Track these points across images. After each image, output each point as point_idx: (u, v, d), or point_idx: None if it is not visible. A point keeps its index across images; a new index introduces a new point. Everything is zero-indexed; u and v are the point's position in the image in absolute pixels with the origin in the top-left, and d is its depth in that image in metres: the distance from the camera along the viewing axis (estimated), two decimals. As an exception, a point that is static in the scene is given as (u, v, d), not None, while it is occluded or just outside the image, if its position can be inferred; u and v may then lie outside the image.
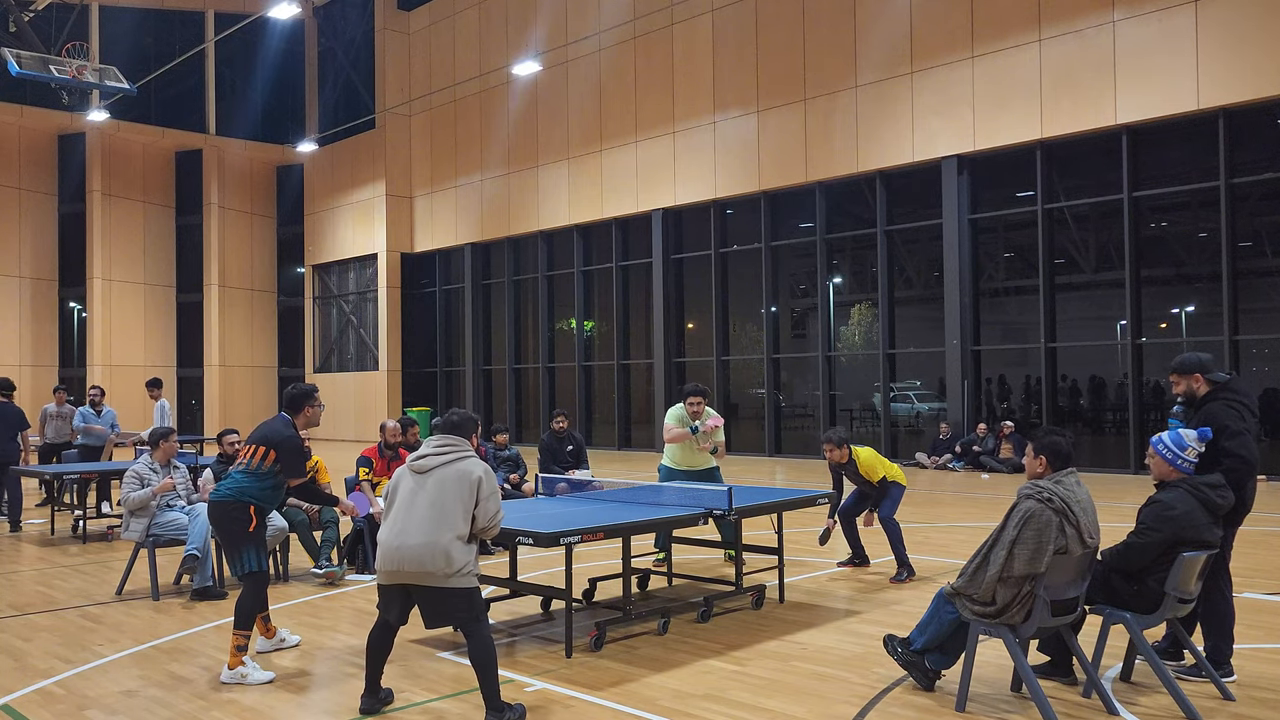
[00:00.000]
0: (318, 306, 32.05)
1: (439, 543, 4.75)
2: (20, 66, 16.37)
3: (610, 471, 17.84)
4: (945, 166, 18.32)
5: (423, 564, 4.76)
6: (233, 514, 5.74)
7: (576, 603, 6.65)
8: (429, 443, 5.07)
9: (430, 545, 4.76)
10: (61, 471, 11.01)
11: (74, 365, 29.50)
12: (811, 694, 5.16)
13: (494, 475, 5.07)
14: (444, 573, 4.75)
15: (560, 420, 11.10)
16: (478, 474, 4.91)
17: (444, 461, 4.93)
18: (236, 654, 5.53)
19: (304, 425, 5.95)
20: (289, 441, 5.81)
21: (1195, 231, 16.90)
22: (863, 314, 20.61)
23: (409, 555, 4.77)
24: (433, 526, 4.79)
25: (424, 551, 4.76)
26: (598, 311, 25.45)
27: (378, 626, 5.02)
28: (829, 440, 8.31)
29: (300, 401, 5.95)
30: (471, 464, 4.95)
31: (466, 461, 4.95)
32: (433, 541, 4.76)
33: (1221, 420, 5.20)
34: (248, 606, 5.61)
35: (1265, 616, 6.67)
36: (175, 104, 30.37)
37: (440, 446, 5.00)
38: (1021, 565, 4.69)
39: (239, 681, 5.48)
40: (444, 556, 4.75)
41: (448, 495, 4.84)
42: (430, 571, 4.76)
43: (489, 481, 4.94)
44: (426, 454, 5.01)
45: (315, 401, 5.98)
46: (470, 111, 27.86)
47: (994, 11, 17.69)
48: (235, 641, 5.53)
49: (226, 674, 5.53)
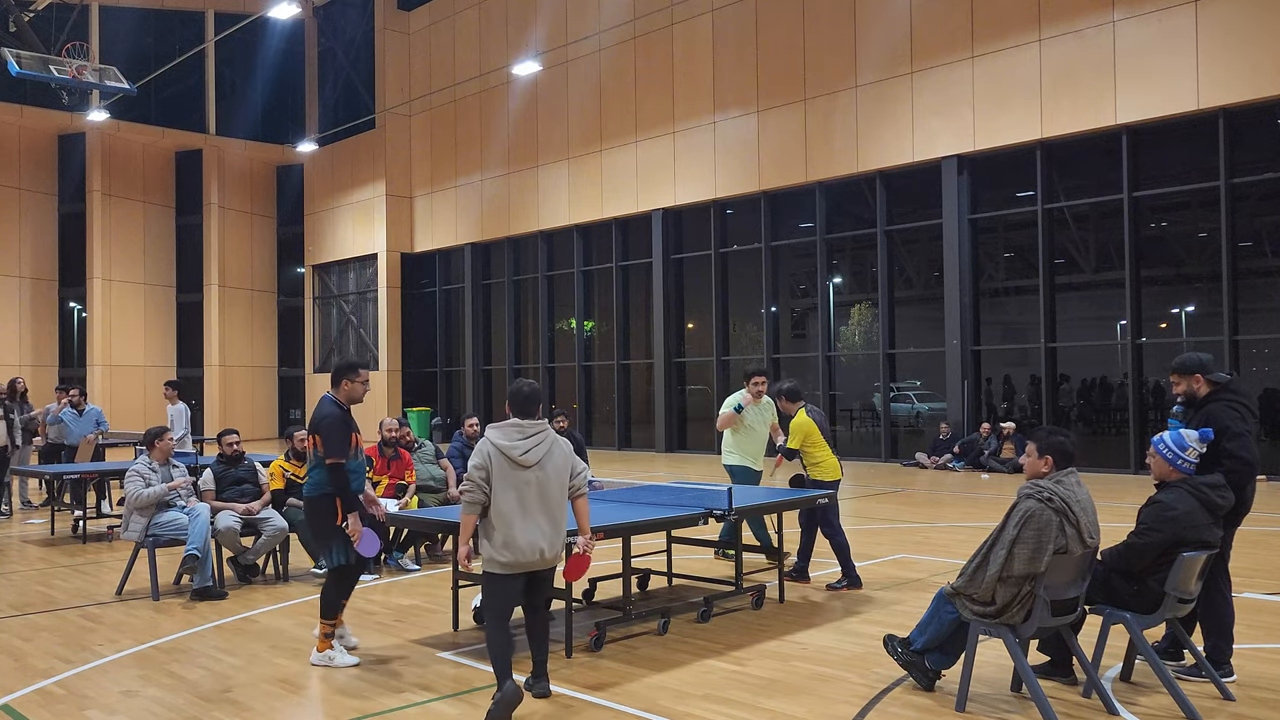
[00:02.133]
0: (318, 306, 32.05)
1: (560, 527, 5.14)
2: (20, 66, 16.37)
3: (610, 471, 17.85)
4: (945, 166, 18.32)
5: (556, 548, 5.13)
6: (318, 508, 5.82)
7: (576, 603, 6.65)
8: (515, 430, 5.08)
9: (557, 531, 5.12)
10: (62, 471, 11.02)
11: (74, 365, 29.50)
12: (811, 694, 5.16)
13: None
14: (561, 551, 5.18)
15: (560, 420, 11.09)
16: (564, 448, 5.20)
17: (545, 450, 5.12)
18: (324, 640, 5.77)
19: (345, 400, 5.92)
20: (327, 419, 5.80)
21: (1195, 231, 16.90)
22: (863, 314, 20.61)
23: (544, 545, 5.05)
24: (559, 513, 5.13)
25: (555, 537, 5.11)
26: (598, 311, 25.45)
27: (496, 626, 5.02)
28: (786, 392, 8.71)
29: (341, 375, 5.96)
30: (558, 441, 5.21)
31: (556, 441, 5.20)
32: (558, 526, 5.12)
33: (1223, 421, 5.20)
34: (332, 598, 5.78)
35: (1265, 616, 6.67)
36: (175, 104, 30.36)
37: (531, 435, 5.11)
38: (1021, 565, 4.69)
39: (326, 664, 5.73)
40: (563, 538, 5.16)
41: (555, 482, 5.12)
42: (557, 553, 5.16)
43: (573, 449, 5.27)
44: (527, 447, 5.07)
45: (356, 375, 5.96)
46: (470, 111, 27.86)
47: (994, 11, 17.69)
48: (323, 630, 5.76)
49: (315, 656, 5.79)
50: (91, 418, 13.16)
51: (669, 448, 23.00)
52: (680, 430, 23.38)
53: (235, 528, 7.99)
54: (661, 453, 22.83)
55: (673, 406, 23.17)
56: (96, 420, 13.20)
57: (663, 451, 22.89)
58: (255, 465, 8.70)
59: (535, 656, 5.22)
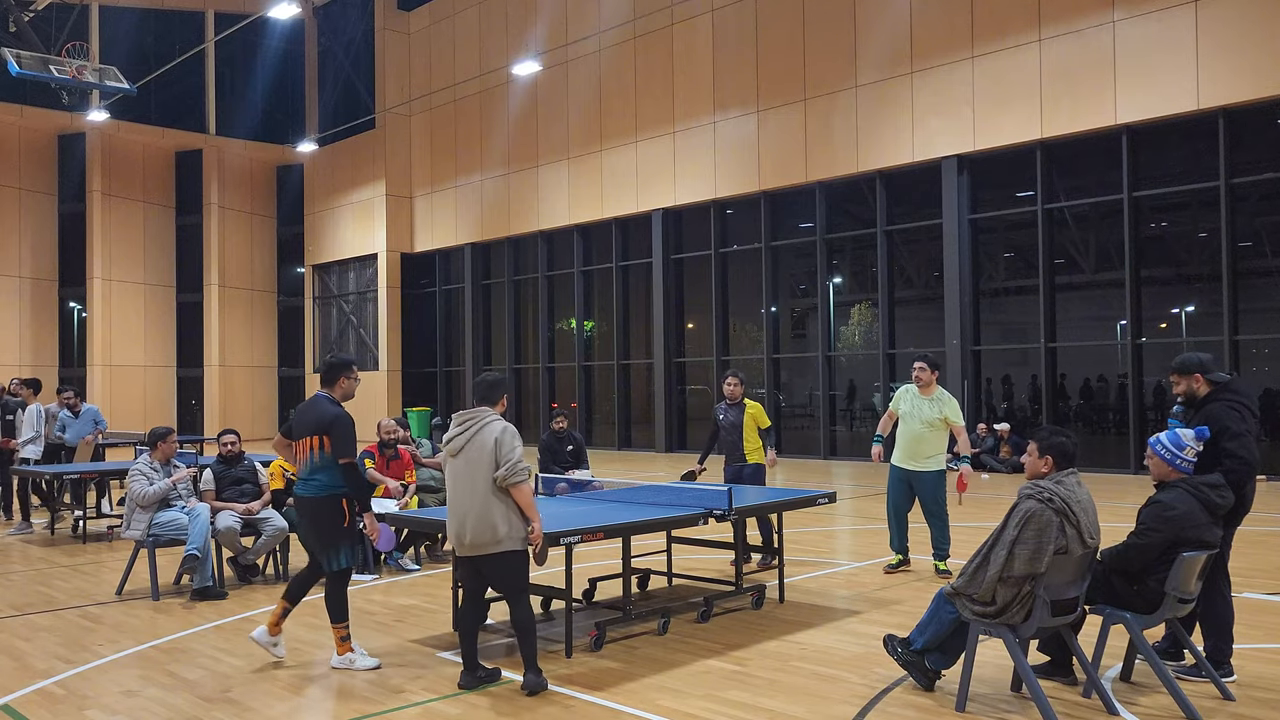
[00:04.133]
0: (318, 306, 32.05)
1: (485, 516, 5.19)
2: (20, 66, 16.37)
3: (610, 471, 17.85)
4: (945, 166, 18.32)
5: (478, 536, 5.21)
6: (325, 509, 5.70)
7: (576, 603, 6.65)
8: (455, 421, 5.37)
9: (479, 519, 5.20)
10: (61, 471, 11.01)
11: (74, 365, 29.50)
12: (811, 694, 5.16)
13: (514, 433, 5.29)
14: (493, 540, 5.20)
15: (560, 420, 11.09)
16: (494, 436, 5.22)
17: (468, 439, 5.28)
18: (343, 643, 5.75)
19: (341, 397, 5.89)
20: (340, 420, 5.72)
21: (1195, 231, 16.89)
22: (863, 314, 20.61)
23: (466, 532, 5.23)
24: (479, 502, 5.20)
25: (476, 525, 5.20)
26: (598, 311, 25.45)
27: (462, 603, 5.45)
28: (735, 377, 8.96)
29: (336, 372, 5.89)
30: (489, 430, 5.25)
31: (485, 430, 5.25)
32: (480, 515, 5.20)
33: (1223, 421, 5.20)
34: (341, 600, 5.74)
35: (1265, 616, 6.66)
36: (175, 104, 30.36)
37: (462, 424, 5.34)
38: (1022, 565, 4.69)
39: (347, 666, 5.71)
40: (490, 528, 5.19)
41: (479, 470, 5.21)
42: (483, 543, 5.22)
43: (507, 438, 5.22)
44: (454, 435, 5.35)
45: (352, 374, 5.94)
46: (470, 111, 27.86)
47: (994, 11, 17.69)
48: (338, 634, 5.75)
49: (336, 659, 5.78)
50: (89, 418, 13.09)
51: (669, 448, 23.00)
52: (680, 430, 23.37)
53: (235, 528, 7.99)
54: (661, 453, 22.82)
55: (673, 406, 23.17)
56: (94, 420, 13.14)
57: (663, 451, 22.89)
58: (255, 465, 8.70)
59: (520, 650, 5.32)
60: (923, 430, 8.07)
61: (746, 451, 8.80)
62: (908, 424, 8.15)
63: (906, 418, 8.17)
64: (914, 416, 8.12)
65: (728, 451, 8.89)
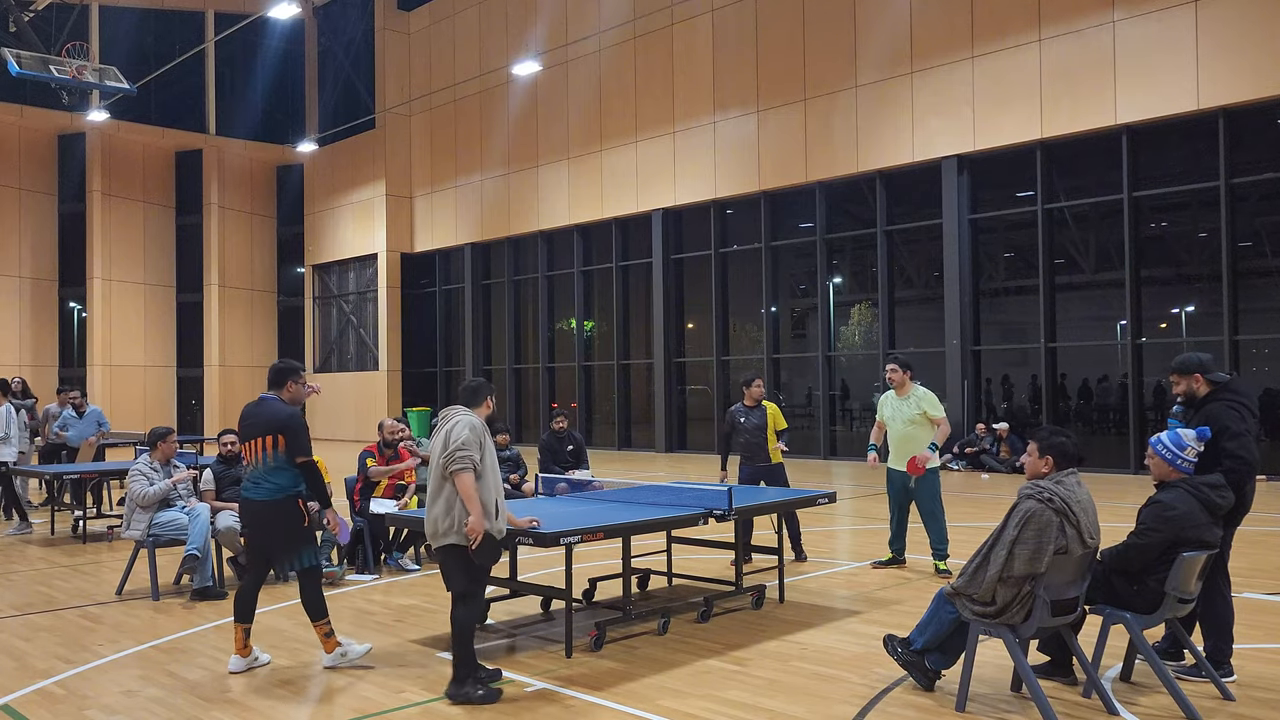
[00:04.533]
0: (318, 306, 32.05)
1: (434, 505, 5.23)
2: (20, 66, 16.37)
3: (610, 471, 17.85)
4: (945, 166, 18.32)
5: (428, 524, 5.26)
6: (284, 511, 5.60)
7: (576, 603, 6.65)
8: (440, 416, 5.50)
9: (429, 508, 5.26)
10: (62, 471, 11.01)
11: (74, 365, 29.50)
12: (811, 694, 5.16)
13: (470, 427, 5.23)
14: (433, 531, 5.23)
15: (559, 420, 11.09)
16: (447, 429, 5.23)
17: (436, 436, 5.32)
18: (328, 640, 5.71)
19: (290, 401, 5.81)
20: (294, 418, 5.70)
21: (1195, 231, 16.89)
22: (863, 314, 20.61)
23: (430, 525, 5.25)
24: (432, 493, 5.26)
25: (437, 518, 5.21)
26: (598, 311, 25.45)
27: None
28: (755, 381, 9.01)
29: (284, 376, 5.83)
30: (452, 425, 5.25)
31: (449, 425, 5.26)
32: (430, 504, 5.26)
33: (1223, 421, 5.20)
34: (317, 597, 5.69)
35: (1265, 616, 6.66)
36: (175, 104, 30.36)
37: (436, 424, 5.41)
38: (1022, 565, 4.69)
39: (340, 661, 5.71)
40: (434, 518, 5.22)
41: (435, 465, 5.24)
42: (430, 532, 5.26)
43: (458, 431, 5.18)
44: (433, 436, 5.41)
45: (300, 379, 5.86)
46: (470, 111, 27.86)
47: (994, 11, 17.68)
48: (321, 631, 5.70)
49: (327, 659, 5.73)
50: (92, 419, 13.11)
51: (669, 448, 23.00)
52: (680, 430, 23.38)
53: (235, 528, 7.98)
54: (661, 453, 22.82)
55: (673, 406, 23.17)
56: (98, 421, 13.15)
57: (663, 451, 22.89)
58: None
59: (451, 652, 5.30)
60: (907, 430, 8.21)
61: (769, 452, 8.86)
62: (893, 427, 8.33)
63: (890, 421, 8.36)
64: (896, 419, 8.32)
65: (752, 453, 8.94)
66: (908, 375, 8.36)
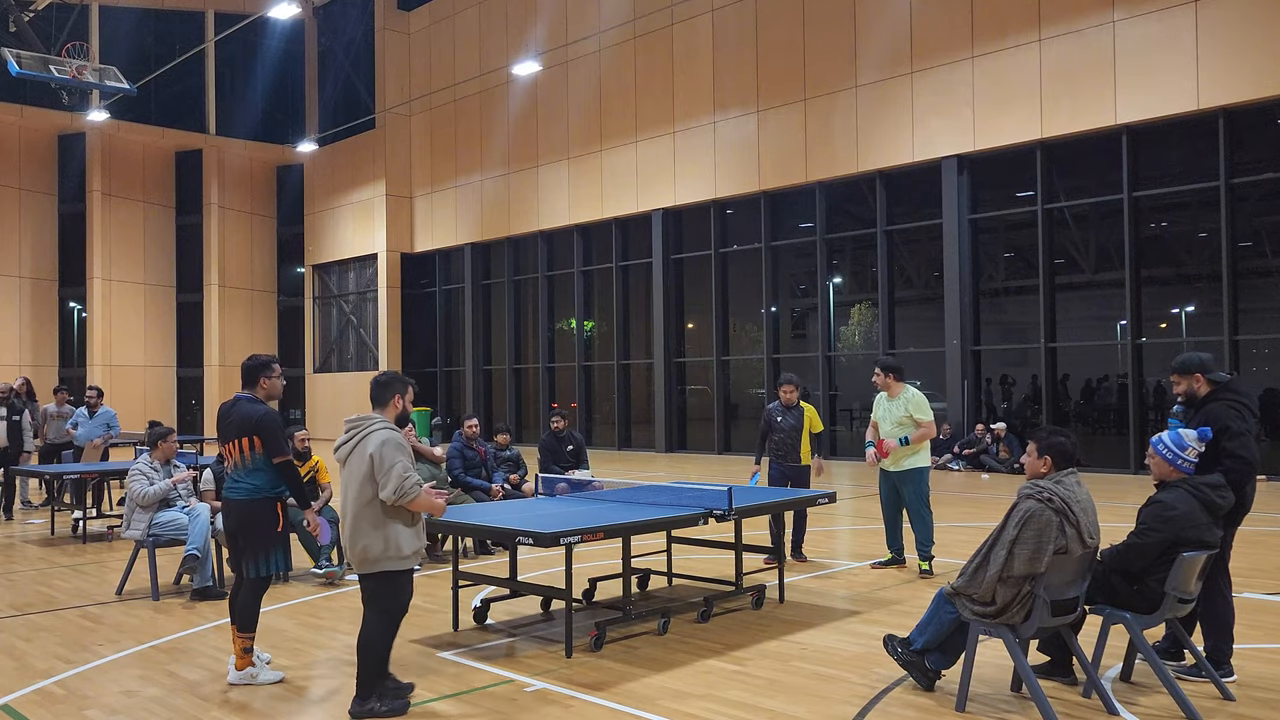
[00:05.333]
0: (318, 306, 32.05)
1: (356, 533, 4.86)
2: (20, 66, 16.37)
3: (610, 471, 17.85)
4: (945, 166, 18.32)
5: (351, 552, 4.89)
6: (259, 512, 5.46)
7: (576, 603, 6.65)
8: (344, 426, 5.03)
9: (351, 535, 4.89)
10: (61, 471, 11.01)
11: (74, 365, 29.50)
12: (811, 694, 5.16)
13: (394, 444, 4.83)
14: (363, 560, 4.87)
15: (559, 420, 11.08)
16: (370, 451, 4.81)
17: (350, 449, 4.93)
18: (244, 655, 5.46)
19: (265, 397, 5.65)
20: (268, 418, 5.51)
21: (1195, 231, 16.90)
22: (863, 314, 20.61)
23: (347, 547, 4.92)
24: (351, 518, 4.89)
25: (350, 540, 4.89)
26: (598, 311, 25.45)
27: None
28: (790, 382, 9.00)
29: (256, 373, 5.64)
30: (368, 440, 4.85)
31: (366, 440, 4.86)
32: (352, 531, 4.88)
33: (1223, 421, 5.20)
34: (253, 607, 5.47)
35: (1265, 616, 6.66)
36: (175, 104, 30.37)
37: (348, 431, 4.98)
38: (1021, 565, 4.69)
39: (248, 682, 5.44)
40: (361, 547, 4.85)
41: (353, 482, 4.88)
42: (357, 560, 4.90)
43: (387, 453, 4.78)
44: (340, 443, 5.00)
45: (273, 372, 5.67)
46: (470, 111, 27.86)
47: (994, 11, 17.69)
48: (241, 644, 5.45)
49: (234, 675, 5.47)
50: (102, 420, 13.01)
51: (669, 448, 23.00)
52: (680, 430, 23.38)
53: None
54: (661, 453, 22.82)
55: (673, 406, 23.17)
56: (107, 424, 12.99)
57: (663, 451, 22.89)
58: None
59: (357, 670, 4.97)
60: (895, 432, 8.26)
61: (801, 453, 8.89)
62: (884, 428, 8.39)
63: (882, 422, 8.42)
64: (886, 420, 8.38)
65: (784, 453, 8.98)
66: (891, 378, 8.41)
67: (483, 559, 9.33)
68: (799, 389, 9.04)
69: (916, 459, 8.27)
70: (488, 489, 9.93)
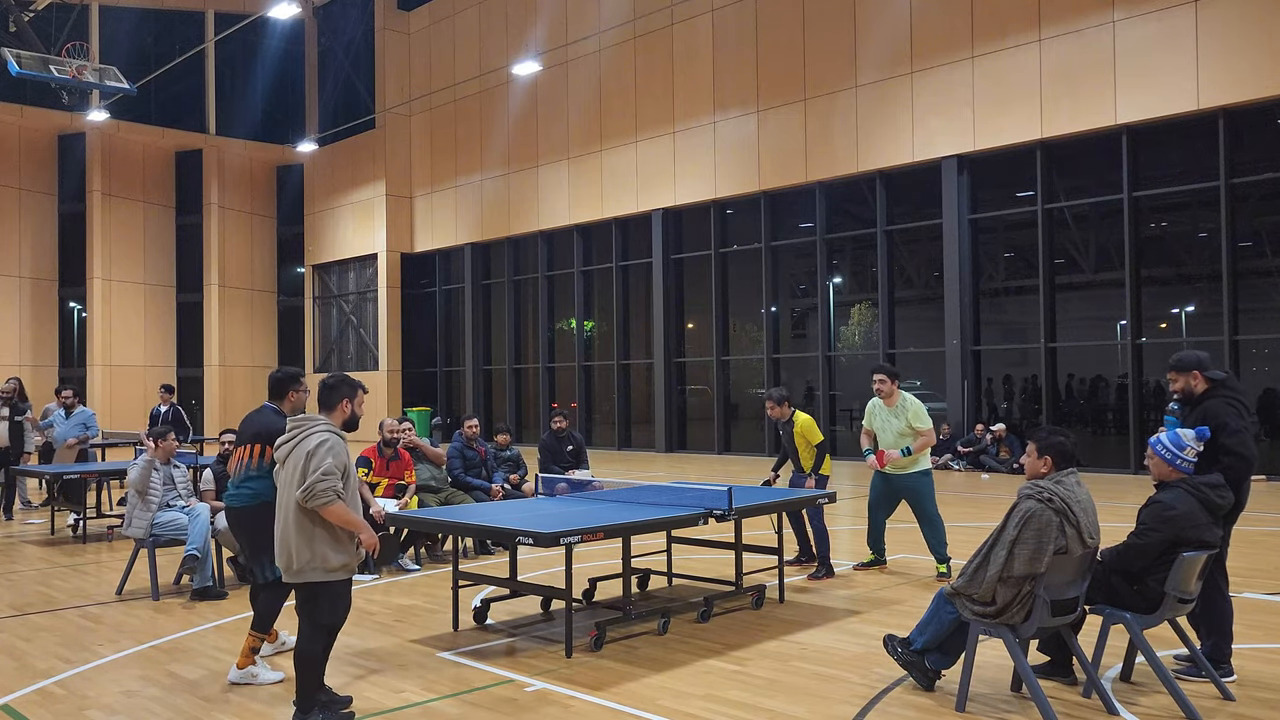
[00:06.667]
0: (318, 306, 32.05)
1: (285, 539, 4.68)
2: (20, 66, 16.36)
3: (610, 471, 17.85)
4: (945, 166, 18.32)
5: (280, 558, 4.71)
6: (256, 517, 5.44)
7: (576, 603, 6.65)
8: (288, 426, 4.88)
9: (281, 540, 4.69)
10: (61, 471, 11.00)
11: (74, 365, 29.49)
12: (811, 694, 5.16)
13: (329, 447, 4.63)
14: (288, 567, 4.68)
15: (559, 420, 11.08)
16: (308, 448, 4.60)
17: (289, 449, 4.73)
18: (249, 655, 5.48)
19: (290, 411, 5.68)
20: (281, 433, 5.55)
21: (1195, 231, 16.90)
22: (863, 314, 20.61)
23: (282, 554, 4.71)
24: (282, 522, 4.69)
25: (280, 545, 4.70)
26: (598, 311, 25.45)
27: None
28: (769, 398, 8.74)
29: (285, 386, 5.68)
30: (307, 440, 4.65)
31: (305, 440, 4.66)
32: (282, 536, 4.69)
33: (1221, 418, 5.21)
34: (271, 610, 5.51)
35: (1265, 616, 6.66)
36: (175, 104, 30.36)
37: (289, 429, 4.80)
38: (1021, 565, 4.69)
39: (248, 682, 5.44)
40: (287, 553, 4.67)
41: (287, 483, 4.70)
42: (284, 567, 4.70)
43: (320, 452, 4.59)
44: (279, 441, 4.82)
45: (300, 386, 5.73)
46: (470, 111, 27.86)
47: (994, 11, 17.69)
48: (250, 643, 5.48)
49: (235, 674, 5.48)
50: (79, 420, 12.67)
51: (669, 448, 23.00)
52: (680, 430, 23.38)
53: (235, 528, 7.97)
54: (661, 453, 22.82)
55: (673, 406, 23.17)
56: (84, 424, 12.70)
57: (663, 451, 22.89)
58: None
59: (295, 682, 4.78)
60: (898, 443, 8.18)
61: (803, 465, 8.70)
62: (883, 438, 8.29)
63: (881, 432, 8.31)
64: (886, 430, 8.25)
65: (791, 464, 8.88)
66: (894, 384, 8.30)
67: (483, 559, 9.34)
68: (779, 403, 8.68)
69: (918, 463, 8.23)
70: (488, 489, 9.93)
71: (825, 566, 8.17)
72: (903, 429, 8.14)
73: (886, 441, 8.25)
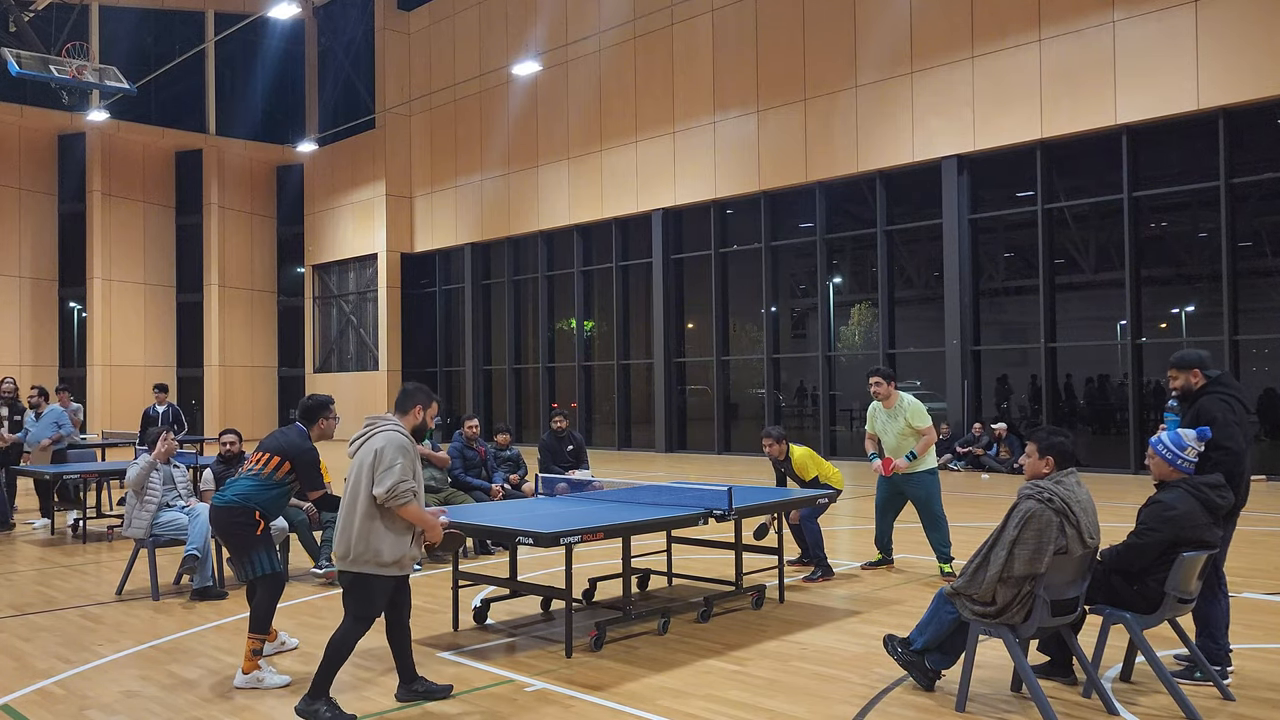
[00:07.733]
0: (318, 306, 32.05)
1: (346, 528, 4.85)
2: (20, 66, 16.36)
3: (610, 471, 17.85)
4: (945, 166, 18.32)
5: (338, 546, 4.88)
6: (238, 519, 5.58)
7: (576, 603, 6.65)
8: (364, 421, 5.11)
9: (343, 529, 4.87)
10: (61, 472, 11.00)
11: (74, 365, 29.50)
12: (811, 694, 5.16)
13: (403, 446, 4.84)
14: (343, 555, 4.87)
15: (559, 420, 11.09)
16: (377, 446, 4.82)
17: (361, 443, 4.94)
18: (252, 658, 5.47)
19: (318, 437, 5.83)
20: (306, 455, 5.69)
21: (1195, 231, 16.90)
22: (863, 314, 20.61)
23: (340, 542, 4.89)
24: (345, 512, 4.88)
25: (340, 534, 4.88)
26: (598, 311, 25.45)
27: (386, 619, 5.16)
28: (768, 436, 8.56)
29: (316, 413, 5.82)
30: (377, 438, 4.86)
31: (376, 437, 4.88)
32: (344, 526, 4.87)
33: (1211, 413, 5.22)
34: (265, 609, 5.51)
35: (1265, 616, 6.66)
36: (175, 104, 30.37)
37: (364, 426, 5.02)
38: (1021, 565, 4.69)
39: (255, 686, 5.42)
40: (345, 542, 4.85)
41: (354, 475, 4.88)
42: (339, 555, 4.89)
43: (390, 452, 4.79)
44: (353, 436, 5.04)
45: (331, 414, 5.86)
46: (470, 111, 27.86)
47: (994, 11, 17.69)
48: (251, 645, 5.47)
49: (241, 679, 5.45)
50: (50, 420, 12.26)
51: (669, 448, 23.00)
52: (680, 430, 23.38)
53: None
54: (661, 453, 22.82)
55: (673, 406, 23.17)
56: (55, 423, 12.28)
57: (663, 451, 22.89)
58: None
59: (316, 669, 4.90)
60: (901, 444, 8.19)
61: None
62: (886, 440, 8.30)
63: (883, 434, 8.32)
64: (888, 432, 8.27)
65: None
66: (891, 385, 8.29)
67: (483, 559, 9.34)
68: (776, 442, 8.45)
69: (924, 462, 8.24)
70: (488, 489, 9.93)
71: (823, 568, 8.15)
72: (903, 429, 8.17)
73: (889, 443, 8.25)
